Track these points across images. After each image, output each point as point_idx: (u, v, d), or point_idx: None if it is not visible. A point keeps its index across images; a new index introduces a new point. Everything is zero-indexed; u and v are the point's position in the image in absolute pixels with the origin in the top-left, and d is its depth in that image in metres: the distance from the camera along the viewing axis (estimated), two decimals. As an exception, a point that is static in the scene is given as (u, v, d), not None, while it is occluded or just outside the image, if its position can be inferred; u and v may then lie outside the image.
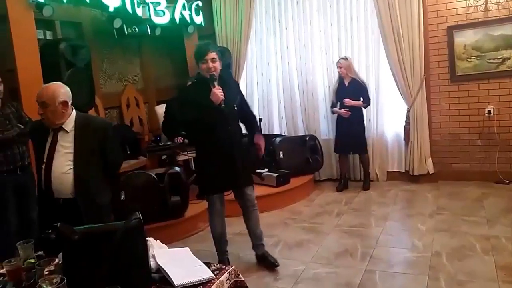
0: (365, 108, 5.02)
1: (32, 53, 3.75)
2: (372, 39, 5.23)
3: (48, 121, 2.44)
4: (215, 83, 2.99)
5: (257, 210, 3.36)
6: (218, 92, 2.94)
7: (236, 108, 3.13)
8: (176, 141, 4.57)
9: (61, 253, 1.52)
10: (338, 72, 4.99)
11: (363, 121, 5.08)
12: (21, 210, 3.27)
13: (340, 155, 5.24)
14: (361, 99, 4.92)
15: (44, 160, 2.42)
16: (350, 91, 4.93)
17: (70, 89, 3.92)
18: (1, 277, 1.54)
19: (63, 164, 2.41)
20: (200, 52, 3.01)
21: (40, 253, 1.77)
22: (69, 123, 2.49)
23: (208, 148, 3.10)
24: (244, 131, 3.46)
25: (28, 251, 1.67)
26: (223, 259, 3.32)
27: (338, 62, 4.98)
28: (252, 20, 5.68)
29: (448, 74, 4.98)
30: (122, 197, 3.84)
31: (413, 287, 2.87)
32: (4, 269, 1.56)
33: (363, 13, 5.24)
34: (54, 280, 1.33)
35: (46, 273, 1.49)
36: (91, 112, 4.72)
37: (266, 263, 3.33)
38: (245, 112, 3.30)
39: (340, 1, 5.31)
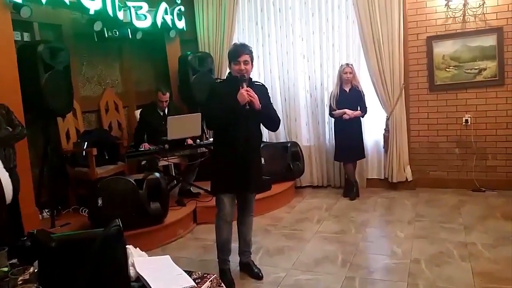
0: (362, 117, 5.03)
1: (8, 55, 3.67)
2: (353, 47, 5.30)
3: None
4: (245, 84, 2.96)
5: (253, 216, 3.35)
6: (245, 93, 2.89)
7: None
8: (142, 147, 4.50)
9: (36, 261, 1.46)
10: (345, 77, 4.90)
11: (361, 127, 5.10)
12: None
13: (344, 163, 5.18)
14: (359, 108, 4.95)
15: None
16: (351, 98, 4.93)
17: (47, 91, 3.89)
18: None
19: None
20: (234, 53, 3.00)
21: (14, 261, 1.71)
22: None
23: (225, 147, 3.07)
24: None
25: (1, 259, 1.60)
26: (224, 269, 3.21)
27: (347, 66, 4.91)
28: (235, 26, 5.68)
29: (427, 83, 5.08)
30: (100, 203, 3.75)
31: (392, 294, 2.90)
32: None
33: (344, 22, 5.30)
34: (29, 290, 1.27)
35: (20, 282, 1.44)
36: (69, 116, 4.65)
37: (251, 272, 3.29)
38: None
39: (322, 9, 5.36)
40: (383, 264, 3.37)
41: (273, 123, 3.24)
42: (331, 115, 5.10)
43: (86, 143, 4.48)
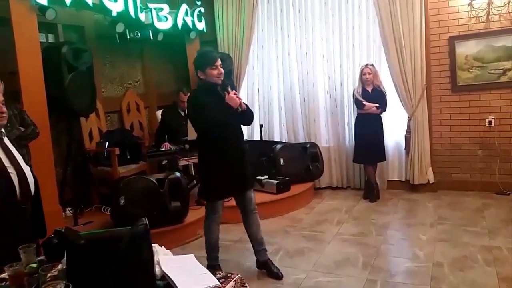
0: (380, 114, 4.94)
1: (34, 56, 3.75)
2: (373, 48, 5.25)
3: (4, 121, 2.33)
4: (229, 88, 3.04)
5: (257, 213, 3.35)
6: (235, 97, 2.99)
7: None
8: (162, 147, 4.55)
9: (64, 259, 1.49)
10: (364, 78, 4.86)
11: (382, 128, 5.02)
12: None
13: (365, 164, 5.12)
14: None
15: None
16: (374, 98, 4.87)
17: (71, 92, 3.96)
18: (3, 282, 1.51)
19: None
20: (210, 58, 3.02)
21: (42, 258, 1.74)
22: None
23: (220, 152, 3.08)
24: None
25: (30, 255, 1.64)
26: (215, 265, 3.29)
27: (366, 67, 4.86)
28: (254, 26, 5.69)
29: (449, 84, 5.00)
30: (122, 202, 3.81)
31: (415, 298, 2.86)
32: (6, 274, 1.53)
33: (365, 22, 5.26)
34: (58, 287, 1.30)
35: (49, 279, 1.47)
36: (92, 116, 4.73)
37: (269, 272, 3.29)
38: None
39: (342, 9, 5.33)
40: (405, 267, 3.31)
41: (251, 119, 3.31)
42: (359, 107, 4.96)
43: (107, 142, 4.55)
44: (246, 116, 3.16)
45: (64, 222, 4.05)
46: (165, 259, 1.61)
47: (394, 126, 5.27)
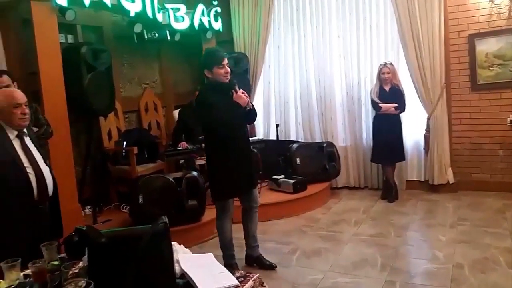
0: (399, 114, 4.87)
1: (54, 57, 3.81)
2: (391, 46, 5.19)
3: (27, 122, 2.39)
4: (237, 87, 3.05)
5: (257, 212, 3.43)
6: (243, 95, 3.03)
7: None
8: (179, 146, 4.58)
9: (85, 256, 1.51)
10: (383, 77, 4.79)
11: (401, 127, 4.95)
12: None
13: (383, 164, 5.06)
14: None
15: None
16: (391, 97, 4.80)
17: (90, 92, 4.02)
18: (27, 278, 1.54)
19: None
20: (217, 57, 3.04)
21: (63, 255, 1.77)
22: None
23: (229, 152, 3.10)
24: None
25: (52, 253, 1.67)
26: (232, 263, 3.30)
27: (384, 66, 4.79)
28: (271, 26, 5.68)
29: (469, 82, 4.90)
30: (140, 200, 3.85)
31: (435, 300, 2.82)
32: (29, 270, 1.56)
33: (382, 20, 5.20)
34: (80, 284, 1.31)
35: (70, 276, 1.49)
36: (111, 115, 4.79)
37: (262, 265, 3.38)
38: None
39: (360, 7, 5.28)
40: (424, 268, 3.27)
41: (255, 117, 3.33)
42: (376, 109, 4.90)
43: (125, 142, 4.60)
44: (251, 114, 3.20)
45: (84, 220, 4.11)
46: (184, 258, 1.62)
47: (413, 125, 5.20)
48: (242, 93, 3.05)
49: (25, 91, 3.80)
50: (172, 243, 1.64)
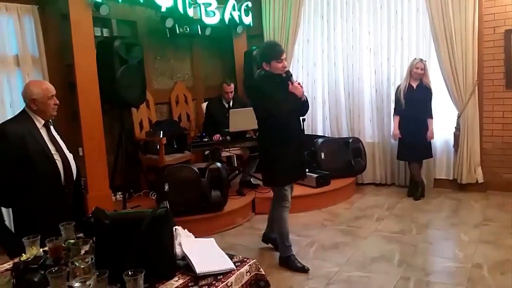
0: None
1: (88, 50, 4.02)
2: (423, 41, 5.08)
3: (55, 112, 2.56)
4: (293, 79, 3.19)
5: None
6: (299, 86, 3.14)
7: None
8: (214, 138, 4.69)
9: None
10: (416, 72, 4.67)
11: (427, 124, 4.82)
12: None
13: (409, 161, 4.97)
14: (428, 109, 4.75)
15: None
16: (418, 95, 4.71)
17: (122, 84, 4.21)
18: (44, 254, 1.70)
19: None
20: (277, 52, 3.14)
21: (81, 235, 1.92)
22: None
23: (286, 139, 3.19)
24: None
25: (69, 232, 1.82)
26: (293, 255, 3.33)
27: (420, 62, 4.68)
28: (300, 20, 5.68)
29: (503, 80, 4.73)
30: (166, 188, 4.01)
31: (448, 298, 2.80)
32: (47, 247, 1.72)
33: (414, 15, 5.10)
34: (86, 260, 1.44)
35: (83, 252, 1.63)
36: (142, 107, 4.99)
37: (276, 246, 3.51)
38: None
39: (391, 2, 5.19)
40: (442, 267, 3.24)
41: (308, 109, 3.38)
42: (398, 107, 4.84)
43: (161, 131, 4.77)
44: (305, 106, 3.28)
45: (114, 205, 4.33)
46: (186, 241, 1.73)
47: (443, 123, 5.08)
48: (298, 84, 3.16)
49: (63, 82, 4.09)
50: (176, 227, 1.76)
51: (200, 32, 5.23)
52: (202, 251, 1.69)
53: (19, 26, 3.85)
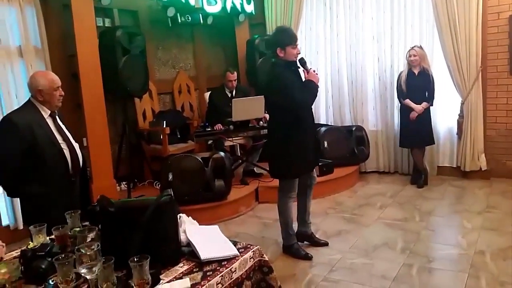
0: (431, 105, 4.78)
1: (91, 40, 4.02)
2: (426, 27, 5.04)
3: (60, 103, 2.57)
4: (307, 66, 3.12)
5: None
6: (315, 73, 3.07)
7: None
8: (215, 128, 4.70)
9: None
10: (409, 60, 4.68)
11: (429, 111, 4.81)
12: None
13: (412, 148, 4.97)
14: (426, 93, 4.73)
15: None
16: (419, 82, 4.69)
17: (125, 74, 4.22)
18: (51, 241, 1.72)
19: None
20: (292, 37, 3.05)
21: (87, 223, 1.95)
22: None
23: (301, 130, 3.11)
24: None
25: (75, 220, 1.84)
26: (295, 243, 3.34)
27: (412, 49, 4.69)
28: (303, 7, 5.64)
29: (507, 66, 4.71)
30: (170, 178, 4.04)
31: (451, 284, 2.81)
32: (53, 235, 1.74)
33: (417, 1, 5.05)
34: (92, 247, 1.46)
35: (89, 240, 1.66)
36: (145, 97, 5.00)
37: (315, 242, 3.46)
38: None
39: (394, -12, 5.15)
40: (444, 254, 3.25)
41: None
42: (400, 100, 4.88)
43: (165, 121, 4.78)
44: (316, 95, 3.19)
45: (119, 195, 4.37)
46: (191, 228, 1.75)
47: (446, 109, 5.08)
48: (314, 71, 3.08)
49: (65, 73, 4.08)
50: (181, 214, 1.78)
51: (202, 21, 5.21)
52: (206, 238, 1.71)
53: (21, 17, 3.84)
